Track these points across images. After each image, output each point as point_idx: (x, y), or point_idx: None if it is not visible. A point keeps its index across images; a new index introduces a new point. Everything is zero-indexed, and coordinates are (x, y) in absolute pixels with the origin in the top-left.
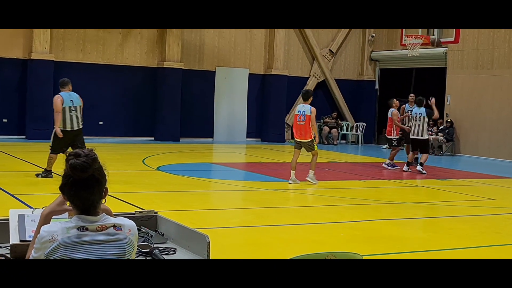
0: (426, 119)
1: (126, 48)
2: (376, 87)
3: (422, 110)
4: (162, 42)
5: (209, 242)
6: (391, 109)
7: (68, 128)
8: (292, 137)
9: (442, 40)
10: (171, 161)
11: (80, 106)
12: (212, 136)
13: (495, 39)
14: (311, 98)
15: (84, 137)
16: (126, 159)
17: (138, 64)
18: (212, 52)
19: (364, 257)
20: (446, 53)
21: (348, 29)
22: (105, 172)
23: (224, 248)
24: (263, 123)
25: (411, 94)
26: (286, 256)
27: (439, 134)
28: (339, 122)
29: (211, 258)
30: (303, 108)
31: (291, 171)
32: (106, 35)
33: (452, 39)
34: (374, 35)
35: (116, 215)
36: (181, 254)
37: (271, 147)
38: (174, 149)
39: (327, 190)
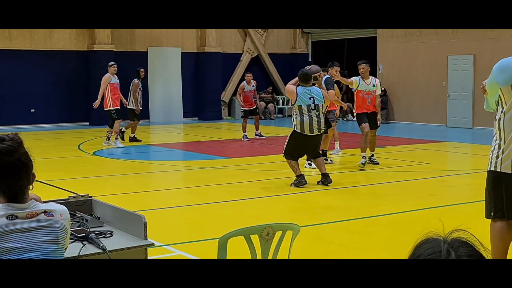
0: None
1: (54, 32)
2: (310, 59)
3: None
4: None
5: (146, 223)
6: None
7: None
8: (229, 114)
9: None
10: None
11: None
12: (148, 118)
13: None
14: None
15: (16, 126)
16: (61, 145)
17: (68, 49)
18: (143, 32)
19: (302, 227)
20: None
21: None
22: (31, 158)
23: (165, 228)
24: (199, 101)
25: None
26: (226, 232)
27: None
28: (275, 96)
29: (149, 239)
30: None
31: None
32: None
33: None
34: None
35: (49, 201)
36: (118, 237)
37: (208, 125)
38: None
39: (266, 164)
